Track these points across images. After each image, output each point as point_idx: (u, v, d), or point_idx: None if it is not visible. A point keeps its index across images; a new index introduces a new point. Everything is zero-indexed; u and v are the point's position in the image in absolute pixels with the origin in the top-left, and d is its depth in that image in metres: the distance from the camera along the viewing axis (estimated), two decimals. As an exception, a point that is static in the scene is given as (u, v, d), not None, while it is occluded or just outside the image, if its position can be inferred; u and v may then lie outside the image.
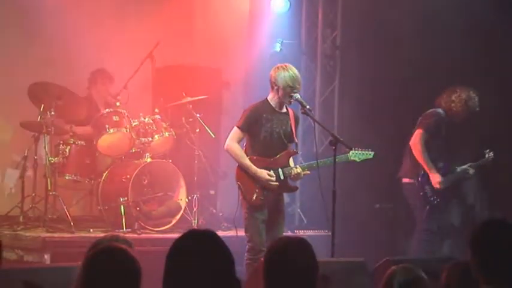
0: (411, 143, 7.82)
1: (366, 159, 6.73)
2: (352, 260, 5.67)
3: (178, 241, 3.13)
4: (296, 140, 6.69)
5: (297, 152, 6.83)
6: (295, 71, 6.52)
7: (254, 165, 6.51)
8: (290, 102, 6.53)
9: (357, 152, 6.64)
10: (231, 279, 3.10)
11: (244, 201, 6.55)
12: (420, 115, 7.92)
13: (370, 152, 6.73)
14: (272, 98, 6.56)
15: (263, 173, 6.48)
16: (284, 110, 6.63)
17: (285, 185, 6.65)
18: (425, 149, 7.76)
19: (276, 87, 6.49)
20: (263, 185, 6.49)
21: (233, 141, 6.55)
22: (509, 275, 3.41)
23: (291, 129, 6.60)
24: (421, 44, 8.96)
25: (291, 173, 6.55)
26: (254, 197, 6.48)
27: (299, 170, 6.54)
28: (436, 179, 7.73)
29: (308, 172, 6.61)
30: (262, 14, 10.13)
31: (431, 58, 8.77)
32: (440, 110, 7.81)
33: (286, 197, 6.92)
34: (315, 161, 6.53)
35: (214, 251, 3.09)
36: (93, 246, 3.64)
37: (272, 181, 6.50)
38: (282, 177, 6.55)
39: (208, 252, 3.07)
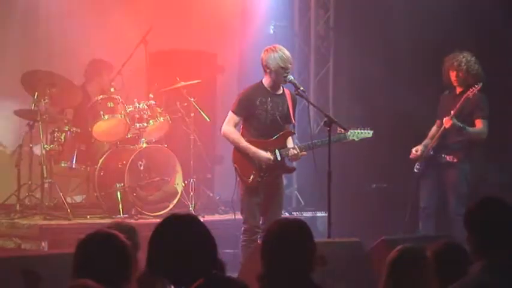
0: None
1: (364, 138, 6.73)
2: (349, 240, 5.69)
3: (159, 225, 3.17)
4: (293, 121, 6.68)
5: (294, 133, 6.81)
6: (285, 51, 6.49)
7: None
8: (285, 82, 6.52)
9: (355, 131, 6.64)
10: (215, 261, 3.12)
11: (241, 184, 6.55)
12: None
13: (369, 131, 6.72)
14: (266, 80, 6.55)
15: (263, 153, 6.48)
16: (280, 91, 6.61)
17: (283, 166, 6.65)
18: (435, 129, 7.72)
19: (268, 70, 6.48)
20: (261, 165, 6.48)
21: (229, 126, 6.55)
22: (506, 251, 3.43)
23: (288, 110, 6.59)
24: (413, 23, 8.94)
25: (288, 154, 6.55)
26: (251, 179, 6.48)
27: (296, 151, 6.53)
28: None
29: (305, 153, 6.60)
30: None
31: (422, 36, 8.76)
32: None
33: (283, 179, 6.90)
34: (314, 141, 6.51)
35: (195, 235, 3.12)
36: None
37: (271, 160, 6.49)
38: (279, 158, 6.54)
39: (190, 236, 3.10)
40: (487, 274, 3.38)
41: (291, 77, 6.45)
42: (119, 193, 8.02)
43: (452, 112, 7.35)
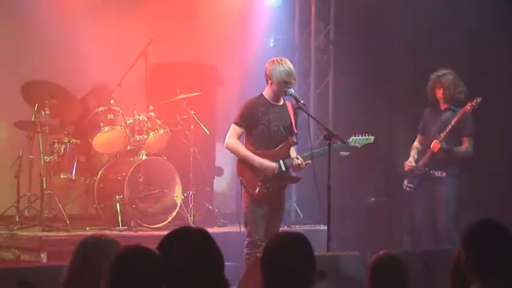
0: None
1: (366, 144, 6.74)
2: (348, 254, 5.68)
3: (166, 239, 3.12)
4: (295, 131, 6.66)
5: (297, 142, 6.79)
6: (290, 65, 6.50)
7: None
8: (285, 95, 6.53)
9: (357, 138, 6.65)
10: (220, 282, 3.09)
11: (246, 195, 6.52)
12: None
13: (370, 137, 6.74)
14: (267, 92, 6.56)
15: (269, 162, 6.47)
16: (281, 102, 6.61)
17: (288, 176, 6.63)
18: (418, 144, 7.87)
19: (270, 81, 6.50)
20: (267, 176, 6.46)
21: (232, 138, 6.52)
22: (504, 272, 3.42)
23: (290, 121, 6.59)
24: (414, 36, 8.96)
25: (292, 163, 6.54)
26: (257, 191, 6.44)
27: (300, 160, 6.50)
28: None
29: (309, 161, 6.55)
30: (256, 9, 10.14)
31: (424, 50, 8.77)
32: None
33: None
34: (314, 150, 6.50)
35: (205, 252, 3.09)
36: (82, 245, 3.59)
37: (277, 169, 6.47)
38: (283, 169, 6.53)
39: (200, 253, 3.07)
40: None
41: (291, 90, 6.46)
42: (118, 205, 8.01)
43: (441, 135, 7.42)
